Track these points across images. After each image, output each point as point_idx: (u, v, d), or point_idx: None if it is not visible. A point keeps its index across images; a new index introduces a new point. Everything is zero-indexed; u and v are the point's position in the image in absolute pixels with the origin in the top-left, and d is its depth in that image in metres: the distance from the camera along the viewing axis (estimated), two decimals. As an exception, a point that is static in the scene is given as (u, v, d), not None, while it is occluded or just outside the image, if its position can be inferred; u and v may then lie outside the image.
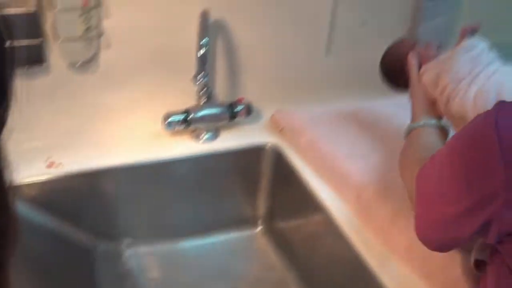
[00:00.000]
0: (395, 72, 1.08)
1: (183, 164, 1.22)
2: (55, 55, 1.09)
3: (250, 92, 1.32)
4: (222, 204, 1.31)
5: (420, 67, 1.01)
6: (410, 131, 0.96)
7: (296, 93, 1.37)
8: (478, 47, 0.92)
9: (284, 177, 1.25)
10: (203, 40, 1.03)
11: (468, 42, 0.94)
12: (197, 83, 1.09)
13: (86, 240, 1.17)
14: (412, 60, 1.01)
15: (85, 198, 1.14)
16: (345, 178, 1.08)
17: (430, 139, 0.93)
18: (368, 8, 1.35)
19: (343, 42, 1.36)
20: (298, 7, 1.27)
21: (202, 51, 1.03)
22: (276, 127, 1.29)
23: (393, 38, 1.41)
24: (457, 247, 0.80)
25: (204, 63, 1.05)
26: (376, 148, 1.16)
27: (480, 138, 0.64)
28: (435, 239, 0.77)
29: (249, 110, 1.24)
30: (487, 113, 0.65)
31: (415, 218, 0.79)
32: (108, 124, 1.22)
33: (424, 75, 0.98)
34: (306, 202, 1.15)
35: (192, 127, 1.20)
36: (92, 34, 1.05)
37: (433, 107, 0.96)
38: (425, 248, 0.86)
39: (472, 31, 0.97)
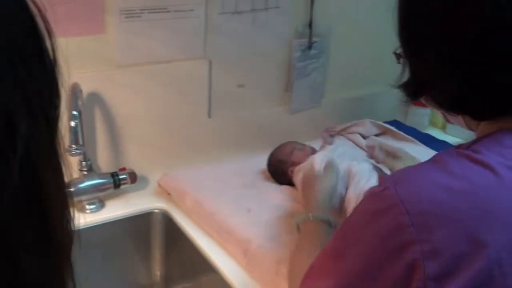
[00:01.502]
0: (278, 171, 1.30)
1: (70, 238, 1.18)
2: None
3: (136, 159, 1.33)
4: (116, 274, 1.28)
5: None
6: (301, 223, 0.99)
7: (182, 156, 1.39)
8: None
9: (175, 240, 1.25)
10: (73, 112, 1.05)
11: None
12: (72, 155, 1.09)
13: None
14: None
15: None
16: (231, 234, 1.11)
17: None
18: (243, 72, 1.43)
19: (223, 104, 1.42)
20: (174, 74, 1.31)
21: (73, 123, 1.04)
22: (164, 191, 1.30)
23: (271, 96, 1.50)
24: None
25: (76, 135, 1.06)
26: (259, 202, 1.20)
27: (383, 205, 0.60)
28: None
29: (133, 177, 1.24)
30: (381, 185, 0.61)
31: None
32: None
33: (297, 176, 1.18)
34: (198, 262, 1.15)
35: (75, 199, 1.19)
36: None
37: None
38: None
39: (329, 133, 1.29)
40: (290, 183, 1.25)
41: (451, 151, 0.63)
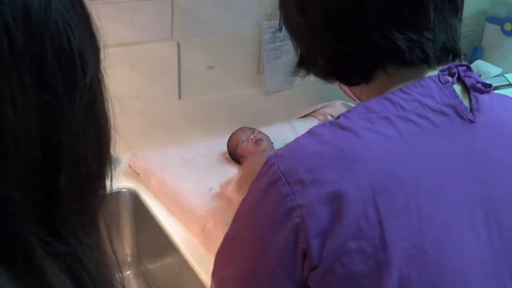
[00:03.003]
0: (234, 159, 1.36)
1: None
2: None
3: (107, 141, 1.35)
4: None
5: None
6: None
7: (153, 137, 1.42)
8: None
9: (143, 219, 1.28)
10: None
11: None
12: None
13: None
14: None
15: None
16: (191, 212, 1.14)
17: None
18: (213, 53, 1.44)
19: (193, 85, 1.44)
20: (142, 56, 1.33)
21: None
22: (133, 172, 1.33)
23: (243, 78, 1.52)
24: None
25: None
26: (222, 181, 1.22)
27: (266, 183, 0.64)
28: None
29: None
30: (267, 164, 0.65)
31: None
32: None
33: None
34: (163, 241, 1.18)
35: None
36: None
37: None
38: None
39: None
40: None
41: (326, 122, 0.68)
